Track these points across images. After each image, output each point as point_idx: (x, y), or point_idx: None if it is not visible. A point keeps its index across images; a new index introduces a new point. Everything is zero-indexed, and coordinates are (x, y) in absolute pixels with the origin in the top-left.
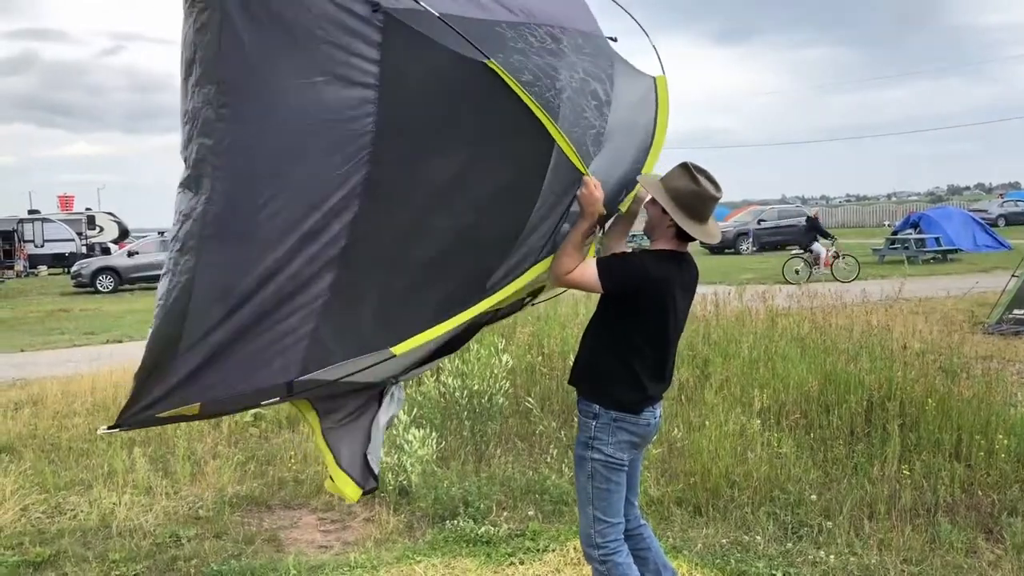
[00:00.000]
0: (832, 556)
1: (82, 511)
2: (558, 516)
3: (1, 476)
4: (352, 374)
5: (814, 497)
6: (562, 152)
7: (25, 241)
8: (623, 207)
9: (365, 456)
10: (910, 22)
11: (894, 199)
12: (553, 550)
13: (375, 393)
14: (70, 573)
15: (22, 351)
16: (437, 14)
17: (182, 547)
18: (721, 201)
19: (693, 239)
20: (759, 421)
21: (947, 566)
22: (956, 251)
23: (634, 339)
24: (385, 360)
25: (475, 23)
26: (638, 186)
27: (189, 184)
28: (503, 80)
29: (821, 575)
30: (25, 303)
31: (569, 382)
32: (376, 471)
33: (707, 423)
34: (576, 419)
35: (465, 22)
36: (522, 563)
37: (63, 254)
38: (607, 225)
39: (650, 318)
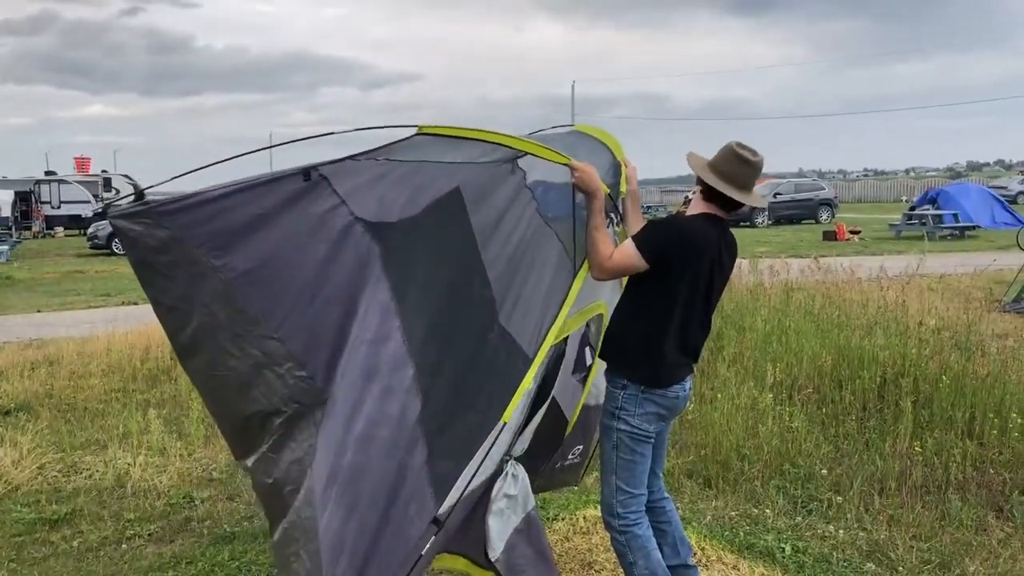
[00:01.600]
0: (841, 531)
1: (97, 471)
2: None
3: (19, 435)
4: (477, 471)
5: (824, 472)
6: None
7: (42, 202)
8: (623, 188)
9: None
10: None
11: (912, 174)
12: (563, 519)
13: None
14: (85, 531)
15: (39, 311)
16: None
17: (195, 508)
18: None
19: (726, 204)
20: (771, 395)
21: (956, 543)
22: (974, 228)
23: (664, 309)
24: (499, 435)
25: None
26: (624, 168)
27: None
28: (444, 136)
29: (830, 549)
30: (42, 264)
31: (599, 356)
32: (492, 558)
33: (719, 396)
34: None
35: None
36: None
37: (79, 215)
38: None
39: (681, 283)
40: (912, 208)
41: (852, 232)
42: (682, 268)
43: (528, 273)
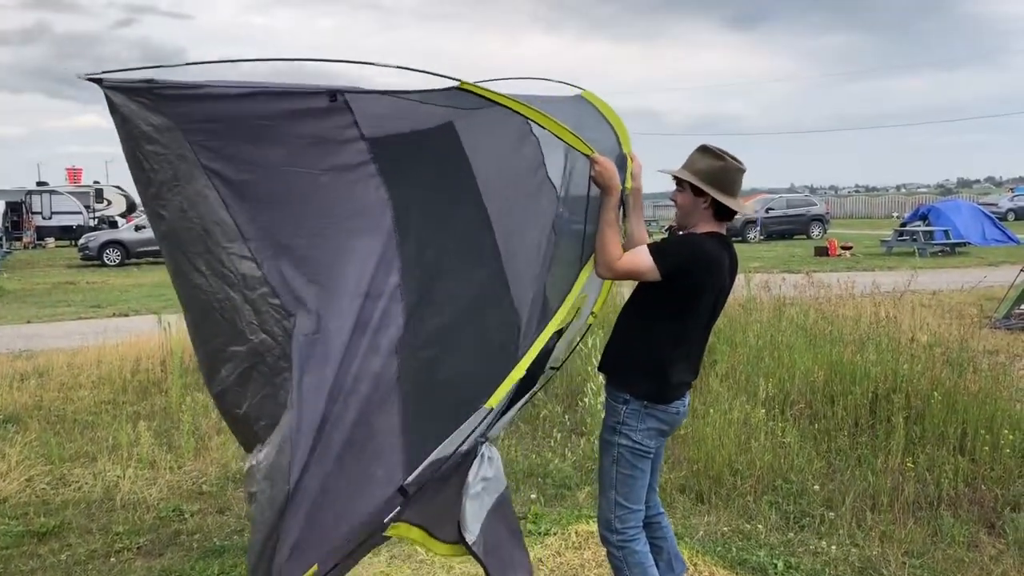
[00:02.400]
0: (834, 547)
1: (86, 483)
2: (560, 500)
3: (7, 447)
4: (457, 448)
5: (817, 487)
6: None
7: (33, 213)
8: (627, 184)
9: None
10: (926, 10)
11: (903, 190)
12: (555, 533)
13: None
14: (74, 544)
15: (29, 322)
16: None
17: (185, 521)
18: None
19: (730, 217)
20: (763, 410)
21: (948, 559)
22: (964, 244)
23: (675, 326)
24: (483, 420)
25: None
26: (630, 162)
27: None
28: (482, 96)
29: (822, 565)
30: (32, 275)
31: (599, 368)
32: (469, 541)
33: (712, 411)
34: (604, 403)
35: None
36: None
37: (71, 226)
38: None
39: (695, 302)
40: (903, 224)
41: (844, 248)
42: (699, 288)
43: (524, 249)
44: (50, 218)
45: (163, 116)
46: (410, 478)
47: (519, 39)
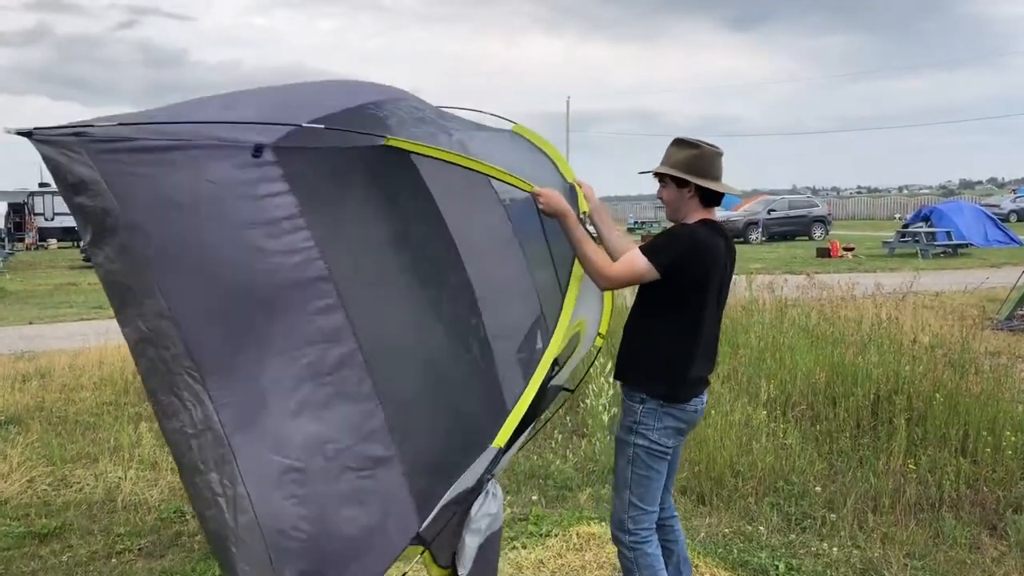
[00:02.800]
0: (835, 548)
1: (88, 484)
2: (561, 501)
3: (8, 448)
4: (467, 490)
5: (818, 489)
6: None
7: (35, 214)
8: (584, 207)
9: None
10: (926, 10)
11: (905, 192)
12: (556, 535)
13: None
14: (75, 545)
15: (31, 323)
16: (305, 123)
17: (186, 523)
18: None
19: (718, 201)
20: (765, 412)
21: (950, 561)
22: (967, 246)
23: (683, 321)
24: (492, 460)
25: (344, 116)
26: (579, 188)
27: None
28: (410, 152)
29: (824, 567)
30: (34, 276)
31: (615, 377)
32: (461, 574)
33: (713, 412)
34: (621, 404)
35: (335, 119)
36: (524, 547)
37: (73, 228)
38: (589, 228)
39: (699, 295)
40: (905, 226)
41: (846, 249)
42: (700, 279)
43: (498, 270)
44: (52, 219)
45: (90, 168)
46: (425, 525)
47: (519, 40)
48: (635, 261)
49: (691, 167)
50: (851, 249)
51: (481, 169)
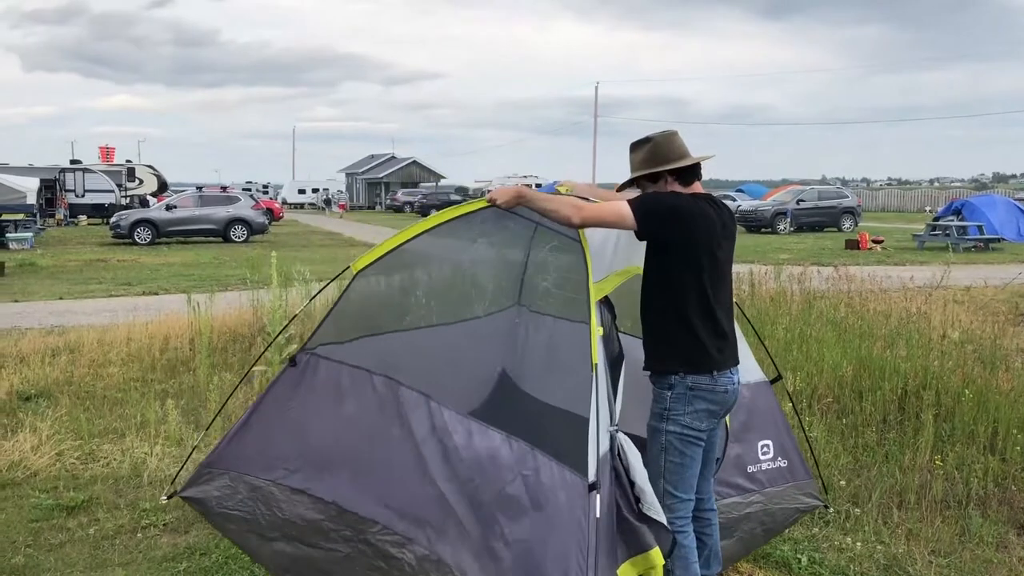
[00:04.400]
0: (859, 543)
1: (115, 459)
2: None
3: (38, 421)
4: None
5: (843, 483)
6: None
7: (66, 191)
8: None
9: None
10: (962, 2)
11: (936, 184)
12: None
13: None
14: (102, 519)
15: (61, 299)
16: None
17: None
18: (759, 179)
19: (696, 175)
20: (791, 404)
21: (976, 559)
22: (998, 240)
23: (678, 289)
24: (595, 380)
25: None
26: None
27: None
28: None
29: (847, 562)
30: (64, 252)
31: (644, 369)
32: (662, 520)
33: None
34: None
35: None
36: None
37: (103, 205)
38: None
39: (687, 260)
40: (936, 219)
41: (875, 241)
42: (684, 241)
43: None
44: (83, 196)
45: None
46: (590, 473)
47: (550, 26)
48: (616, 205)
49: (651, 160)
50: (880, 241)
51: (444, 217)
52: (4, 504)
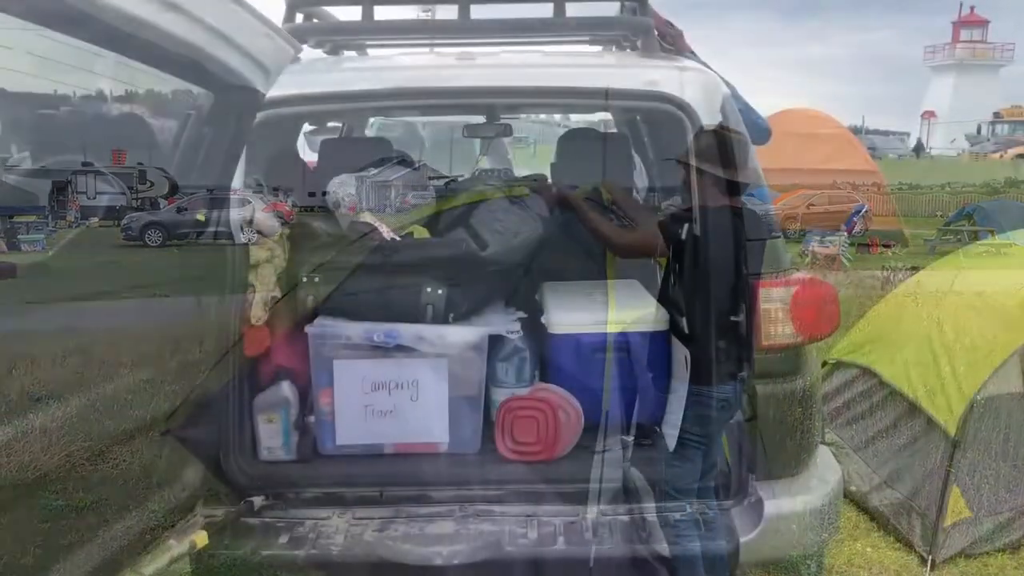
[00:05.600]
0: (868, 548)
1: (124, 461)
2: None
3: (48, 422)
4: None
5: (852, 488)
6: None
7: (78, 192)
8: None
9: None
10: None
11: (948, 189)
12: None
13: None
14: (111, 520)
15: (72, 300)
16: None
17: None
18: (770, 184)
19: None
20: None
21: (989, 567)
22: (1011, 245)
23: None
24: None
25: None
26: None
27: None
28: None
29: (856, 568)
30: (76, 254)
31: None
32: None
33: None
34: None
35: None
36: None
37: (114, 207)
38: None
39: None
40: (947, 223)
41: (885, 246)
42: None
43: None
44: (94, 198)
45: None
46: None
47: None
48: (649, 236)
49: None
50: (890, 246)
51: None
52: (14, 505)
